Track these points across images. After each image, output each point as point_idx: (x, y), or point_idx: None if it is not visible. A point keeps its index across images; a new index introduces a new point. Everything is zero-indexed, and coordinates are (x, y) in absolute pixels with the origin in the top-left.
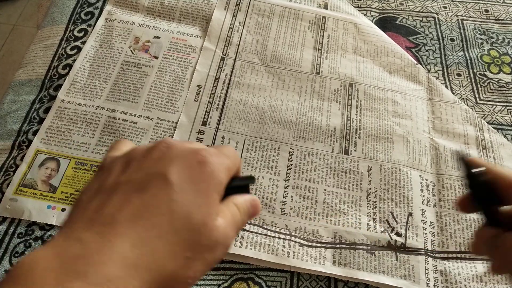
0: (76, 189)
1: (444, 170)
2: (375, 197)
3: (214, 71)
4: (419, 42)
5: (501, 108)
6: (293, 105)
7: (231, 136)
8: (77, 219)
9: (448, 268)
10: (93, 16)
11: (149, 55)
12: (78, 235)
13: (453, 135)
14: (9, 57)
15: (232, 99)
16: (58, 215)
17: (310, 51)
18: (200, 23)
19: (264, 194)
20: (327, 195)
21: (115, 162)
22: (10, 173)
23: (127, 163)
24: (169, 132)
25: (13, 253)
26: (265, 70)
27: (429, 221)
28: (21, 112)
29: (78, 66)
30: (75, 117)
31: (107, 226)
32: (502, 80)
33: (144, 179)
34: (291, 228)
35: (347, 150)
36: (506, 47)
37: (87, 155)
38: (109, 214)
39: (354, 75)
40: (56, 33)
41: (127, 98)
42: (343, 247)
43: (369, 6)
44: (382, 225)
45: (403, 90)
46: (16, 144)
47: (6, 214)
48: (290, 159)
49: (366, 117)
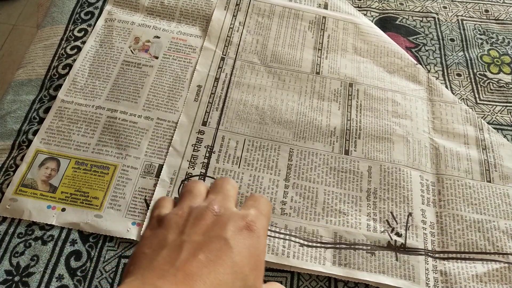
0: (76, 189)
1: (444, 170)
2: (375, 197)
3: (214, 71)
4: (419, 42)
5: (501, 108)
6: (293, 105)
7: (231, 136)
8: (147, 269)
9: (448, 268)
10: (93, 16)
11: (149, 55)
12: (153, 282)
13: (453, 135)
14: (9, 57)
15: (232, 99)
16: (58, 215)
17: (310, 51)
18: (200, 23)
19: (264, 194)
20: (327, 195)
21: (170, 221)
22: (10, 173)
23: (183, 224)
24: (169, 132)
25: (13, 253)
26: (265, 70)
27: (429, 221)
28: (21, 112)
29: (78, 66)
30: (75, 117)
31: (179, 277)
32: (502, 80)
33: (205, 240)
34: (291, 228)
35: (347, 150)
36: (506, 47)
37: (87, 155)
38: (180, 267)
39: (354, 75)
40: (56, 33)
41: (127, 98)
42: (343, 247)
43: (369, 6)
44: (382, 225)
45: (403, 90)
46: (16, 144)
47: (6, 214)
48: (290, 159)
49: (366, 117)
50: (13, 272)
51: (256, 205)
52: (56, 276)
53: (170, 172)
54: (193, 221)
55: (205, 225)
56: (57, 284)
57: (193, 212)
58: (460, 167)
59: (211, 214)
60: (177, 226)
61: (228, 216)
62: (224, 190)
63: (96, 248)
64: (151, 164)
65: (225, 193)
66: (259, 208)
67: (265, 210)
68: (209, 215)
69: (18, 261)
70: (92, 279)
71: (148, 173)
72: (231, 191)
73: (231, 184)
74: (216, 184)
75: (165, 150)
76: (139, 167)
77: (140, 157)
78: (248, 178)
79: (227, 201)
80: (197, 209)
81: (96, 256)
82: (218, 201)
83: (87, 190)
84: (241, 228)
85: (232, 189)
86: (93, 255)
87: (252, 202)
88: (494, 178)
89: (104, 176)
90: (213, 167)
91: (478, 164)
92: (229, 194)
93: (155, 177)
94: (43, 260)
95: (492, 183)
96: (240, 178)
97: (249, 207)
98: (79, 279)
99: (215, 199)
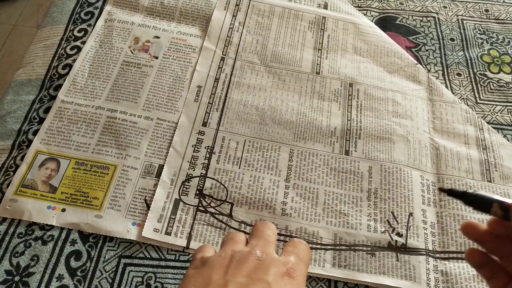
0: (76, 189)
1: (445, 170)
2: (376, 198)
3: (214, 71)
4: (419, 42)
5: (501, 108)
6: (293, 105)
7: (231, 137)
8: None
9: (449, 268)
10: (93, 16)
11: (149, 55)
12: None
13: (453, 135)
14: (9, 57)
15: (232, 99)
16: (58, 216)
17: (310, 51)
18: (200, 23)
19: (264, 195)
20: (327, 196)
21: (214, 262)
22: (10, 173)
23: (227, 266)
24: (169, 132)
25: (13, 253)
26: (265, 70)
27: (430, 221)
28: (21, 112)
29: (78, 66)
30: (75, 117)
31: None
32: (502, 80)
33: (248, 282)
34: (292, 229)
35: (347, 151)
36: (506, 46)
37: (87, 155)
38: None
39: (354, 75)
40: (56, 33)
41: (127, 98)
42: (343, 248)
43: (369, 6)
44: (382, 226)
45: (403, 90)
46: (16, 144)
47: (6, 214)
48: (291, 160)
49: (367, 117)
50: (13, 272)
51: (295, 252)
52: (56, 276)
53: (170, 173)
54: (236, 263)
55: (248, 268)
56: (57, 284)
57: (236, 255)
58: (460, 167)
59: (254, 258)
60: (221, 267)
61: (270, 261)
62: (264, 235)
63: (96, 248)
64: (151, 164)
65: (266, 239)
66: (299, 254)
67: (304, 257)
68: (252, 259)
69: (18, 261)
70: (92, 279)
71: (148, 173)
72: (271, 237)
73: (272, 229)
74: (257, 229)
75: (165, 150)
76: (139, 167)
77: (140, 157)
78: (248, 179)
79: (268, 247)
80: (239, 253)
81: (96, 256)
82: (260, 246)
83: (87, 191)
84: (282, 274)
85: (273, 234)
86: (93, 255)
87: (292, 249)
88: (494, 178)
89: (104, 176)
90: (213, 168)
91: (479, 164)
92: (270, 240)
93: (155, 177)
94: (43, 260)
95: (493, 183)
96: (241, 178)
97: (289, 253)
98: (79, 279)
99: (257, 244)
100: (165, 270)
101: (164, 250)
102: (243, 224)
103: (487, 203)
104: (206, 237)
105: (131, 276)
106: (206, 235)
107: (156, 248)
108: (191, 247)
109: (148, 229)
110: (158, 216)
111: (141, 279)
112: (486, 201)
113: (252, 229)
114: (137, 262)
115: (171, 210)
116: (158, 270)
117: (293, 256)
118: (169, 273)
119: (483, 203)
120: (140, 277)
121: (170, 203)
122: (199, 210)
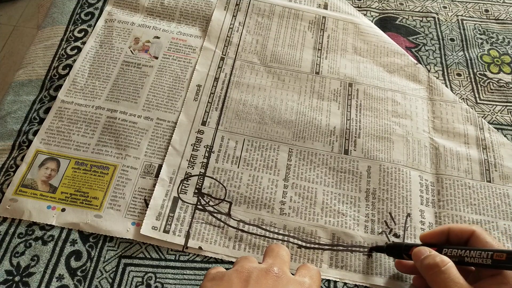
0: (76, 189)
1: (444, 170)
2: (374, 198)
3: (214, 71)
4: (419, 42)
5: (501, 108)
6: (292, 105)
7: (230, 136)
8: None
9: None
10: (93, 17)
11: (149, 55)
12: None
13: (453, 134)
14: (9, 57)
15: (231, 99)
16: (58, 215)
17: (310, 51)
18: (200, 23)
19: (263, 194)
20: (326, 196)
21: (232, 276)
22: (10, 173)
23: (245, 280)
24: (169, 132)
25: (13, 253)
26: (264, 70)
27: (428, 222)
28: (21, 112)
29: (78, 67)
30: (75, 117)
31: None
32: (502, 80)
33: None
34: (290, 229)
35: (346, 150)
36: (506, 47)
37: (87, 155)
38: None
39: (354, 75)
40: (56, 34)
41: (127, 98)
42: (340, 249)
43: (369, 6)
44: (380, 226)
45: (403, 90)
46: (16, 144)
47: (6, 214)
48: (290, 159)
49: (366, 116)
50: (13, 272)
51: (310, 275)
52: (56, 276)
53: (169, 171)
54: (255, 278)
55: (267, 284)
56: (57, 284)
57: (254, 271)
58: (460, 167)
59: (272, 275)
60: (240, 281)
61: (287, 280)
62: (280, 255)
63: (96, 248)
64: (150, 164)
65: (282, 258)
66: (313, 277)
67: (317, 281)
68: (271, 275)
69: (19, 261)
70: (92, 279)
71: (147, 173)
72: (286, 257)
73: (286, 251)
74: (272, 250)
75: (165, 150)
76: (138, 167)
77: (140, 157)
78: (247, 178)
79: (284, 266)
80: (257, 269)
81: (96, 256)
82: (277, 264)
83: (87, 190)
84: None
85: (287, 255)
86: (93, 255)
87: (306, 272)
88: (494, 178)
89: (104, 176)
90: (212, 166)
91: (478, 164)
92: (285, 260)
93: (154, 177)
94: (43, 260)
95: (492, 183)
96: (239, 178)
97: (303, 275)
98: (79, 279)
99: (273, 263)
100: (165, 270)
101: (164, 250)
102: (241, 223)
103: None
104: (204, 236)
105: (131, 276)
106: (204, 233)
107: (156, 248)
108: (189, 245)
109: (147, 226)
110: (156, 214)
111: (141, 279)
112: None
113: (266, 249)
114: (137, 262)
115: (169, 208)
116: (158, 270)
117: (308, 278)
118: (169, 273)
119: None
120: (140, 277)
121: (168, 201)
122: (197, 208)
